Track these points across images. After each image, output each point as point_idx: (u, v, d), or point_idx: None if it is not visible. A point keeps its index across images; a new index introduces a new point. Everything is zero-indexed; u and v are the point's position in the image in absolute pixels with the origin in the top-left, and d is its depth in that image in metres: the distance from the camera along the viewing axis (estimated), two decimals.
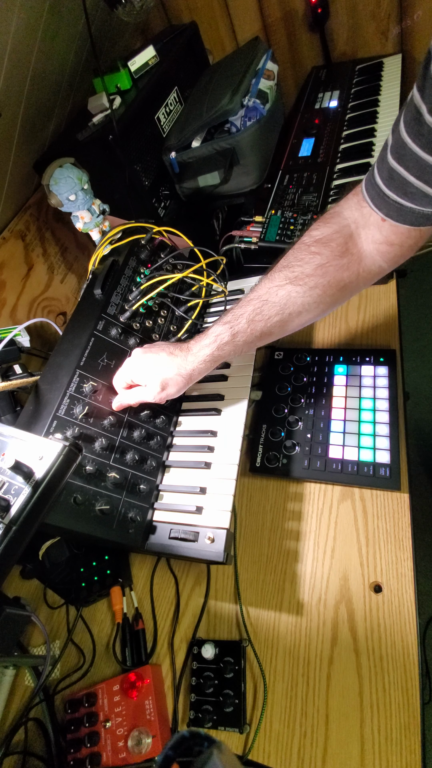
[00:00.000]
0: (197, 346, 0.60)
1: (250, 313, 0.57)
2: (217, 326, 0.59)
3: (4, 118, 0.75)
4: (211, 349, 0.59)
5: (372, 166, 0.48)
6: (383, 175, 0.45)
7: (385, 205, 0.46)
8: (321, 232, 0.53)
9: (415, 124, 0.39)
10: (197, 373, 0.61)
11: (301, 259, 0.53)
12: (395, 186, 0.44)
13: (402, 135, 0.41)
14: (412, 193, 0.43)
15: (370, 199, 0.48)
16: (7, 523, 0.43)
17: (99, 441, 0.60)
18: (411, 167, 0.41)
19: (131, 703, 0.58)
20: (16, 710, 0.65)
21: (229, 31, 1.26)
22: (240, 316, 0.57)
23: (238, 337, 0.58)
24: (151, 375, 0.60)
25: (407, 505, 0.62)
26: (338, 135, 1.02)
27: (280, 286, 0.54)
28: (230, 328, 0.58)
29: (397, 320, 0.77)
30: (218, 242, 0.91)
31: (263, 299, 0.56)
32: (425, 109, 0.37)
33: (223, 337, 0.58)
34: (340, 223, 0.52)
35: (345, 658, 0.55)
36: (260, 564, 0.64)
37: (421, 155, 0.40)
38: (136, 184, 0.90)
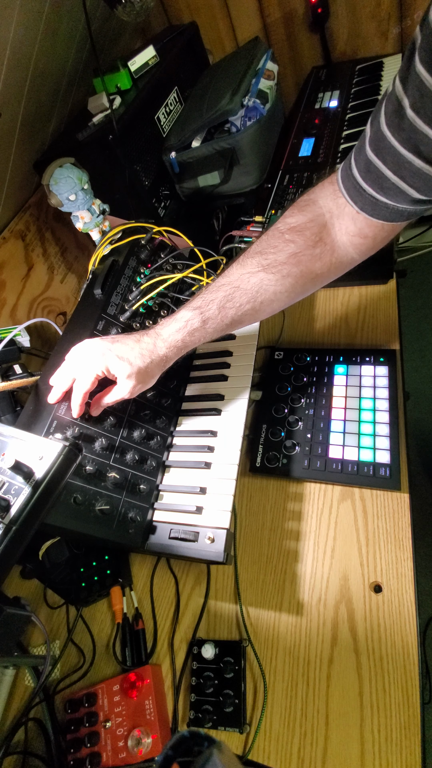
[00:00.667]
0: (166, 330, 0.57)
1: (221, 300, 0.55)
2: (186, 311, 0.57)
3: (4, 118, 0.75)
4: (182, 335, 0.57)
5: (349, 155, 0.47)
6: (360, 166, 0.44)
7: (360, 199, 0.46)
8: (296, 219, 0.52)
9: (395, 117, 0.38)
10: (170, 358, 0.58)
11: (275, 246, 0.52)
12: (371, 179, 0.43)
13: (382, 127, 0.40)
14: (388, 188, 0.42)
15: (345, 191, 0.47)
16: (7, 523, 0.43)
17: (99, 441, 0.60)
18: (388, 161, 0.41)
19: (131, 703, 0.58)
20: (16, 710, 0.65)
21: (229, 31, 1.26)
22: (211, 301, 0.55)
23: (208, 324, 0.56)
24: (123, 367, 0.55)
25: (407, 505, 0.62)
26: (338, 135, 1.02)
27: (253, 273, 0.53)
28: (201, 314, 0.56)
29: (397, 320, 0.77)
30: (218, 242, 0.91)
31: (234, 285, 0.54)
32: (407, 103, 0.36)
33: (193, 323, 0.56)
34: (315, 211, 0.51)
35: (345, 658, 0.55)
36: (260, 564, 0.64)
37: (400, 150, 0.39)
38: (136, 184, 0.90)
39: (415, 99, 0.35)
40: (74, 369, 0.57)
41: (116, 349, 0.56)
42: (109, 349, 0.56)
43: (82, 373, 0.56)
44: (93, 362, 0.56)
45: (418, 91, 0.35)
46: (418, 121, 0.36)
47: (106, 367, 0.55)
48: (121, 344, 0.57)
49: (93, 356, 0.56)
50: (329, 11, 1.15)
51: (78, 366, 0.57)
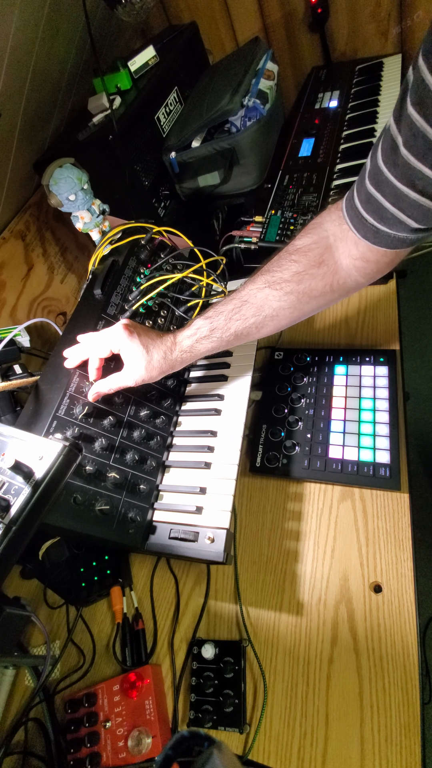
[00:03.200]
0: (181, 335, 0.61)
1: (230, 312, 0.59)
2: (200, 319, 0.61)
3: (4, 118, 0.75)
4: (191, 341, 0.60)
5: (352, 186, 0.49)
6: (361, 197, 0.47)
7: (362, 227, 0.48)
8: (302, 241, 0.55)
9: (391, 154, 0.40)
10: (178, 362, 0.61)
11: (281, 265, 0.56)
12: (372, 210, 0.46)
13: (378, 162, 0.42)
14: (388, 219, 0.44)
15: (348, 219, 0.50)
16: (7, 523, 0.43)
17: (99, 441, 0.60)
18: (387, 194, 0.43)
19: (131, 703, 0.58)
20: (16, 710, 0.65)
21: (229, 31, 1.26)
22: (220, 312, 0.59)
23: (215, 333, 0.60)
24: (138, 354, 0.59)
25: (407, 505, 0.62)
26: (338, 135, 1.02)
27: (259, 288, 0.57)
28: (210, 323, 0.60)
29: (397, 320, 0.77)
30: (218, 242, 0.91)
31: (243, 299, 0.58)
32: (401, 141, 0.39)
33: (202, 331, 0.60)
34: (320, 234, 0.54)
35: (345, 658, 0.55)
36: (260, 564, 0.64)
37: (397, 184, 0.41)
38: (136, 184, 0.90)
39: (407, 138, 0.38)
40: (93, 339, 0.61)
41: (140, 335, 0.60)
42: (136, 332, 0.60)
43: (102, 340, 0.60)
44: (115, 335, 0.59)
45: (410, 130, 0.37)
46: (411, 159, 0.38)
47: (127, 343, 0.59)
48: (145, 333, 0.60)
49: (117, 330, 0.59)
50: (329, 11, 1.14)
51: (98, 336, 0.61)
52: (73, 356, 0.61)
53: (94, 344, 0.60)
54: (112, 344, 0.59)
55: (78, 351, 0.61)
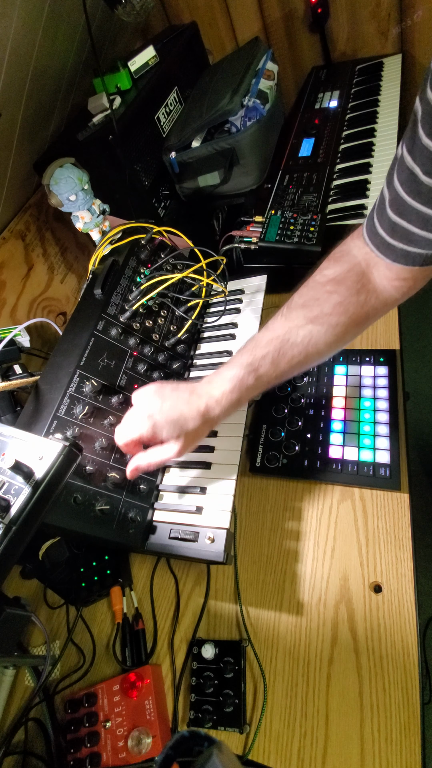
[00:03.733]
0: (218, 389, 0.55)
1: (273, 354, 0.54)
2: (236, 369, 0.55)
3: (4, 118, 0.75)
4: (237, 395, 0.55)
5: (371, 215, 0.49)
6: (385, 227, 0.46)
7: (392, 253, 0.47)
8: (334, 271, 0.52)
9: (412, 184, 0.40)
10: (220, 419, 0.57)
11: (318, 298, 0.53)
12: (399, 236, 0.45)
13: (400, 193, 0.42)
14: (417, 241, 0.44)
15: (375, 247, 0.49)
16: (7, 523, 0.43)
17: (99, 441, 0.60)
18: (413, 221, 0.43)
19: (131, 703, 0.58)
20: (16, 710, 0.65)
21: (229, 31, 1.26)
22: (262, 357, 0.54)
23: (262, 379, 0.55)
24: (175, 429, 0.55)
25: (407, 505, 0.62)
26: (338, 135, 1.02)
27: (301, 326, 0.53)
28: (253, 370, 0.54)
29: (397, 320, 0.77)
30: (218, 242, 0.91)
31: (284, 339, 0.54)
32: (419, 171, 0.39)
33: (248, 381, 0.55)
34: (351, 261, 0.52)
35: (345, 658, 0.55)
36: (260, 564, 0.64)
37: (423, 210, 0.41)
38: (136, 184, 0.90)
39: (427, 168, 0.38)
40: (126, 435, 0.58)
41: (166, 412, 0.55)
42: (159, 411, 0.55)
43: (124, 432, 0.57)
44: (135, 426, 0.56)
45: (429, 161, 0.38)
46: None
47: (153, 432, 0.55)
48: (170, 406, 0.55)
49: (140, 418, 0.56)
50: (329, 11, 1.14)
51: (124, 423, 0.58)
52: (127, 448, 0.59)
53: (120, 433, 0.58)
54: (134, 433, 0.56)
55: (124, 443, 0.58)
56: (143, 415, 0.55)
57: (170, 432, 0.55)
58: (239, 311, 0.82)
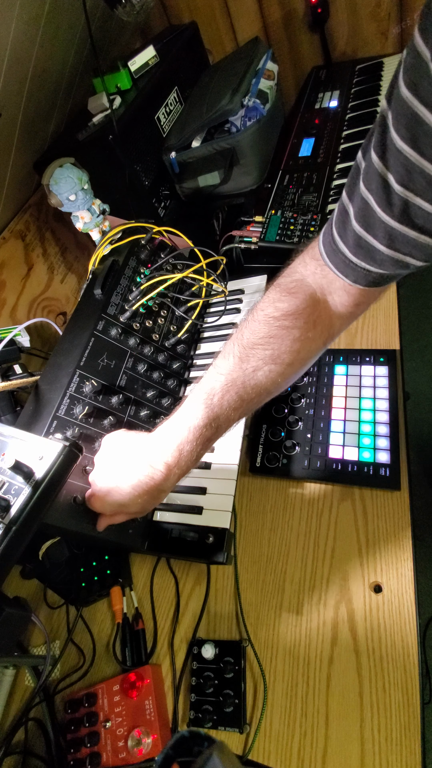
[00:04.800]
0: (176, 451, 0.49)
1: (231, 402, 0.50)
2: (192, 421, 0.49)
3: (4, 118, 0.75)
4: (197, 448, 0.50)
5: (328, 231, 0.45)
6: (348, 242, 0.43)
7: (352, 273, 0.45)
8: (288, 304, 0.49)
9: (383, 194, 0.37)
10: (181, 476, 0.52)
11: (274, 335, 0.49)
12: (363, 254, 0.42)
13: (369, 203, 0.39)
14: (380, 260, 0.41)
15: (334, 266, 0.46)
16: (7, 523, 0.43)
17: (99, 441, 0.60)
18: (379, 236, 0.40)
19: (131, 703, 0.58)
20: (16, 710, 0.65)
21: (229, 31, 1.26)
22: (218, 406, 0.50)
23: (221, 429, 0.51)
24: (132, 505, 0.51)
25: (407, 505, 0.62)
26: (338, 135, 1.02)
27: (258, 368, 0.49)
28: (210, 423, 0.50)
29: (397, 320, 0.77)
30: (218, 242, 0.91)
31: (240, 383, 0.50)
32: (392, 179, 0.35)
33: (206, 433, 0.50)
34: (306, 291, 0.49)
35: (345, 658, 0.55)
36: (260, 564, 0.64)
37: (391, 224, 0.38)
38: (136, 184, 0.90)
39: (401, 175, 0.35)
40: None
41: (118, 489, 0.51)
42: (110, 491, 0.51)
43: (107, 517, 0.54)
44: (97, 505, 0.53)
45: (403, 167, 0.34)
46: (408, 194, 0.35)
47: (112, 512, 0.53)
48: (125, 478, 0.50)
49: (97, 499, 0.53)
50: (329, 11, 1.14)
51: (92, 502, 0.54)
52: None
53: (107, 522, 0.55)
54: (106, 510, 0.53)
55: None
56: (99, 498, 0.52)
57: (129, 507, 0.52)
58: (239, 311, 0.82)
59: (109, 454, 0.54)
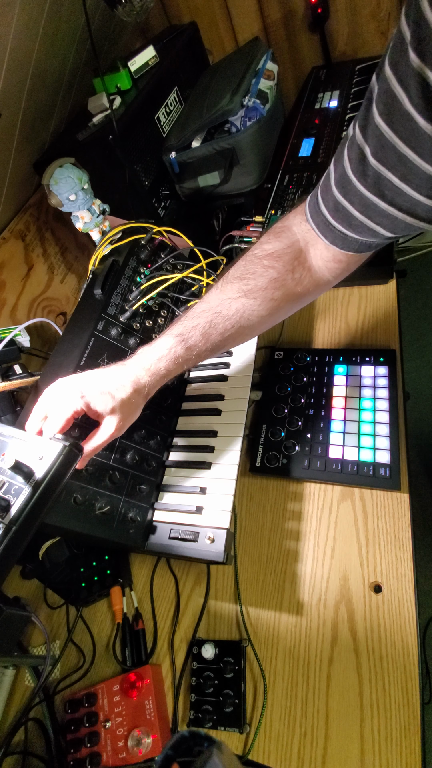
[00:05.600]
0: (147, 359, 0.54)
1: (204, 326, 0.54)
2: (168, 338, 0.55)
3: (4, 118, 0.75)
4: (165, 363, 0.54)
5: (314, 192, 0.48)
6: (328, 205, 0.46)
7: (330, 234, 0.47)
8: (273, 246, 0.52)
9: (359, 164, 0.39)
10: (153, 389, 0.56)
11: (254, 272, 0.52)
12: (340, 218, 0.45)
13: (347, 171, 0.41)
14: (356, 226, 0.44)
15: (315, 226, 0.49)
16: (7, 523, 0.43)
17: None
18: (355, 203, 0.42)
19: (131, 703, 0.58)
20: (16, 710, 0.65)
21: (229, 31, 1.26)
22: (193, 328, 0.54)
23: (192, 351, 0.55)
24: (105, 402, 0.51)
25: (407, 505, 0.62)
26: (338, 135, 1.02)
27: (234, 298, 0.53)
28: (183, 341, 0.54)
29: (397, 320, 0.77)
30: (218, 242, 0.91)
31: (216, 311, 0.54)
32: (369, 152, 0.38)
33: (177, 351, 0.54)
34: (291, 238, 0.52)
35: (345, 658, 0.55)
36: (260, 564, 0.64)
37: (365, 194, 0.40)
38: (136, 184, 0.90)
39: (376, 149, 0.37)
40: (48, 407, 0.52)
41: (94, 383, 0.53)
42: (87, 383, 0.52)
43: (57, 410, 0.51)
44: (69, 398, 0.51)
45: (378, 141, 0.36)
46: (381, 168, 0.37)
47: (85, 402, 0.51)
48: (98, 378, 0.53)
49: (69, 392, 0.52)
50: (329, 11, 1.14)
51: (52, 403, 0.52)
52: (33, 424, 0.53)
53: (52, 413, 0.52)
54: (68, 410, 0.51)
55: (37, 416, 0.53)
56: (74, 391, 0.52)
57: (104, 403, 0.52)
58: None
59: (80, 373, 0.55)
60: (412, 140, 0.34)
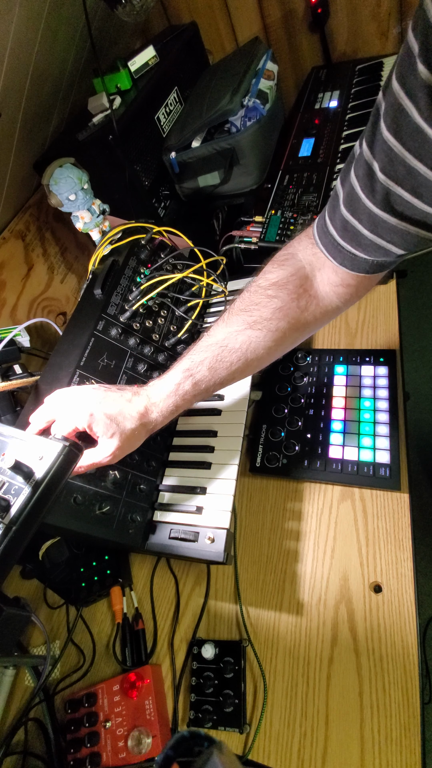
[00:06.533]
0: (157, 394, 0.55)
1: (211, 360, 0.54)
2: (176, 373, 0.55)
3: (4, 118, 0.75)
4: (174, 400, 0.54)
5: (323, 213, 0.48)
6: (336, 225, 0.45)
7: (339, 255, 0.46)
8: (276, 275, 0.52)
9: (367, 181, 0.39)
10: (158, 425, 0.56)
11: (258, 303, 0.52)
12: (349, 237, 0.44)
13: (355, 188, 0.41)
14: (366, 245, 0.43)
15: (323, 247, 0.48)
16: (7, 523, 0.43)
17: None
18: (364, 221, 0.41)
19: (131, 703, 0.58)
20: (16, 710, 0.65)
21: (229, 31, 1.26)
22: (200, 363, 0.54)
23: (200, 386, 0.54)
24: (111, 427, 0.51)
25: (407, 505, 0.62)
26: (338, 135, 1.02)
27: (240, 331, 0.53)
28: (191, 376, 0.54)
29: (397, 320, 0.78)
30: (218, 242, 0.91)
31: (222, 345, 0.53)
32: (377, 167, 0.37)
33: (184, 387, 0.54)
34: (295, 265, 0.51)
35: (345, 658, 0.55)
36: (260, 564, 0.64)
37: (374, 210, 0.40)
38: (136, 184, 0.90)
39: (384, 164, 0.37)
40: (55, 413, 0.53)
41: (104, 406, 0.52)
42: (99, 403, 0.52)
43: (62, 420, 0.52)
44: (77, 414, 0.51)
45: (386, 156, 0.36)
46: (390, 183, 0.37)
47: (89, 423, 0.51)
48: (110, 402, 0.53)
49: (79, 407, 0.52)
50: (329, 11, 1.14)
51: (60, 412, 0.53)
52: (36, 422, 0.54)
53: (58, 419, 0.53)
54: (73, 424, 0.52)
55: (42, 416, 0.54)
56: (83, 408, 0.52)
57: (106, 429, 0.51)
58: None
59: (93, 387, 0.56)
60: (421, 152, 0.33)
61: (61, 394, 0.55)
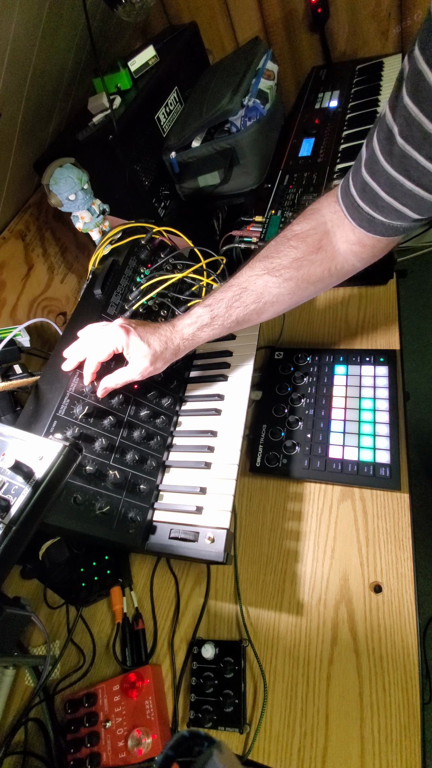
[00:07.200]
0: (180, 323, 0.62)
1: (230, 299, 0.59)
2: (199, 307, 0.61)
3: (4, 118, 0.75)
4: (192, 329, 0.61)
5: (348, 174, 0.50)
6: (357, 186, 0.47)
7: (358, 216, 0.49)
8: (300, 227, 0.55)
9: (387, 143, 0.41)
10: (181, 350, 0.62)
11: (280, 251, 0.56)
12: (367, 198, 0.46)
13: (375, 151, 0.43)
14: (383, 207, 0.45)
15: (344, 207, 0.51)
16: (7, 523, 0.43)
17: (99, 441, 0.60)
18: (382, 183, 0.43)
19: (131, 703, 0.58)
20: (16, 710, 0.65)
21: (229, 31, 1.26)
22: (220, 300, 0.60)
23: (216, 321, 0.60)
24: (140, 348, 0.58)
25: (407, 505, 0.62)
26: (338, 135, 1.02)
27: (259, 275, 0.57)
28: (210, 311, 0.60)
29: (397, 320, 0.77)
30: (218, 242, 0.91)
31: (242, 287, 0.59)
32: (396, 131, 0.39)
33: (203, 319, 0.60)
34: (318, 220, 0.54)
35: (345, 658, 0.55)
36: (260, 564, 0.64)
37: (392, 173, 0.41)
38: (136, 184, 0.90)
39: (402, 127, 0.38)
40: (92, 340, 0.59)
41: (138, 330, 0.59)
42: (134, 328, 0.59)
43: (100, 343, 0.58)
44: (113, 336, 0.58)
45: (405, 120, 0.38)
46: (407, 147, 0.39)
47: (126, 342, 0.58)
48: (142, 327, 0.60)
49: (115, 331, 0.58)
50: (329, 11, 1.14)
51: (97, 337, 0.59)
52: (72, 357, 0.60)
53: (94, 346, 0.59)
54: (112, 345, 0.58)
55: (77, 351, 0.60)
56: (120, 331, 0.58)
57: (139, 349, 0.58)
58: None
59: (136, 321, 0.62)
60: None
61: (95, 326, 0.61)
